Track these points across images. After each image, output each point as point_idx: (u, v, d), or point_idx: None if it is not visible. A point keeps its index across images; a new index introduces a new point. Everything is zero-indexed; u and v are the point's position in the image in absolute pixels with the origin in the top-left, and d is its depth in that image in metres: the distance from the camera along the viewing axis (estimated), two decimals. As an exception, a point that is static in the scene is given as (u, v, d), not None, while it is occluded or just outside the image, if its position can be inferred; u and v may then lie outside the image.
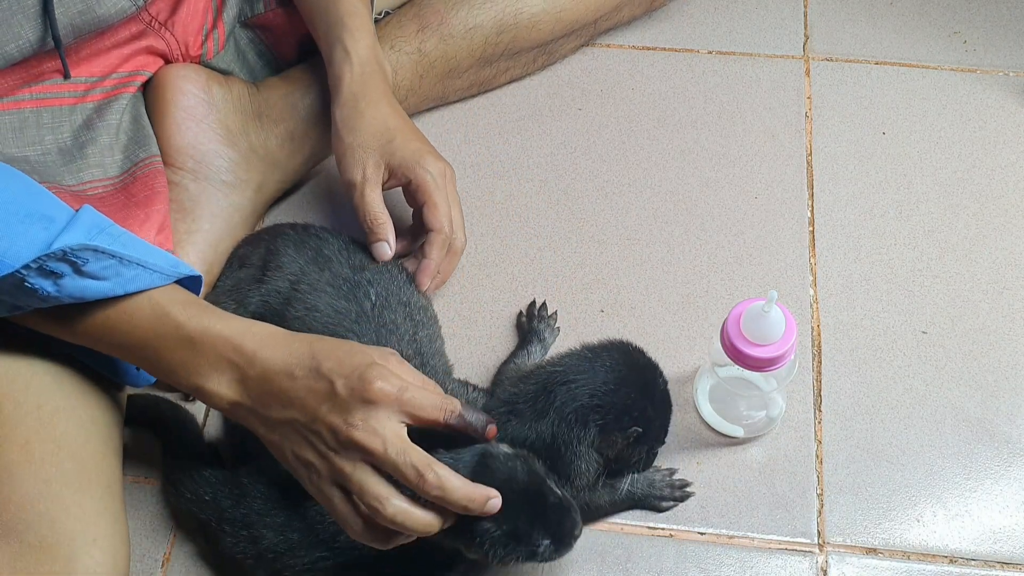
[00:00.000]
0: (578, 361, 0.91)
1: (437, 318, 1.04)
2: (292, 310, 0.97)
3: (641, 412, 0.89)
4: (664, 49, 1.31)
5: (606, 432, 0.88)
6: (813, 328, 1.08)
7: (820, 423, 1.03)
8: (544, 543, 0.83)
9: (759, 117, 1.24)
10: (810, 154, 1.21)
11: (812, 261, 1.13)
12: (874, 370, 1.06)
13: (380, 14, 1.18)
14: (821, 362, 1.06)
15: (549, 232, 1.16)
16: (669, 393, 0.92)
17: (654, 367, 0.92)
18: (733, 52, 1.30)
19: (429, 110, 1.24)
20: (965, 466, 1.00)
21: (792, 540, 0.97)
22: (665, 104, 1.26)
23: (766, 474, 1.00)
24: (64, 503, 0.84)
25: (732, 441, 1.02)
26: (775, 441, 1.02)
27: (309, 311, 0.96)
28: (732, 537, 0.97)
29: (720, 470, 1.01)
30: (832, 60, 1.29)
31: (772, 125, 1.23)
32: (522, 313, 1.10)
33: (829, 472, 1.00)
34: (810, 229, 1.15)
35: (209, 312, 0.84)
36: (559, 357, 0.93)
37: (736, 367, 0.93)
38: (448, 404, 0.81)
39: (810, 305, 1.10)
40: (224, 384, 0.82)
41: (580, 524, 0.86)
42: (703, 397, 1.03)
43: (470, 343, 1.09)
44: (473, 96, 1.26)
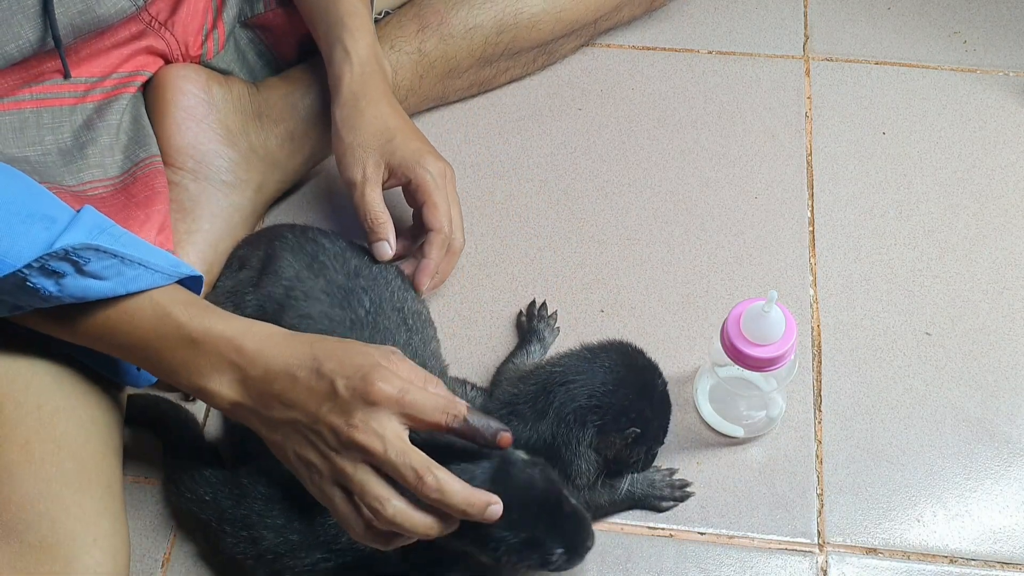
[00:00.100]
0: (577, 362, 0.91)
1: (432, 321, 1.04)
2: (286, 317, 0.96)
3: (639, 413, 0.89)
4: (664, 49, 1.31)
5: (604, 433, 0.89)
6: (813, 328, 1.08)
7: (820, 423, 1.03)
8: (558, 552, 0.83)
9: (759, 117, 1.24)
10: (810, 154, 1.21)
11: (812, 261, 1.13)
12: (874, 370, 1.06)
13: (380, 14, 1.18)
14: (821, 362, 1.06)
15: (549, 232, 1.16)
16: (668, 394, 0.92)
17: (653, 368, 0.92)
18: (733, 52, 1.30)
19: (429, 110, 1.24)
20: (965, 466, 1.01)
21: (792, 540, 0.97)
22: (665, 104, 1.26)
23: (766, 474, 1.00)
24: (64, 503, 0.84)
25: (732, 441, 1.02)
26: (775, 441, 1.02)
27: (302, 319, 0.96)
28: (732, 537, 0.97)
29: (720, 470, 1.01)
30: (832, 60, 1.29)
31: (772, 125, 1.23)
32: (522, 313, 1.10)
33: (829, 472, 1.00)
34: (810, 229, 1.15)
35: (210, 312, 0.83)
36: (558, 357, 0.93)
37: (736, 367, 0.93)
38: (452, 408, 0.79)
39: (810, 305, 1.10)
40: (225, 384, 0.82)
41: (594, 535, 0.86)
42: (703, 397, 1.03)
43: (470, 343, 1.09)
44: (473, 96, 1.26)
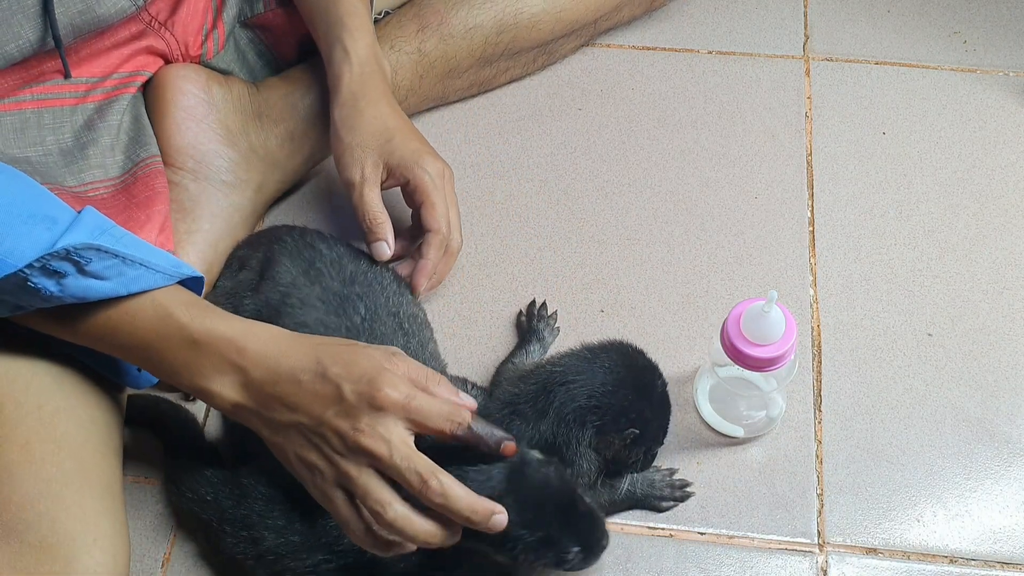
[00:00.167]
0: (577, 361, 0.91)
1: (428, 322, 1.04)
2: (282, 323, 0.95)
3: (639, 414, 0.89)
4: (664, 49, 1.31)
5: (603, 433, 0.89)
6: (813, 328, 1.09)
7: (820, 423, 1.03)
8: (574, 550, 0.83)
9: (759, 117, 1.24)
10: (810, 154, 1.21)
11: (812, 261, 1.13)
12: (874, 370, 1.06)
13: (380, 14, 1.18)
14: (821, 362, 1.06)
15: (549, 232, 1.16)
16: (668, 395, 0.93)
17: (653, 368, 0.92)
18: (733, 52, 1.30)
19: (429, 110, 1.24)
20: (965, 466, 1.01)
21: (792, 540, 0.97)
22: (665, 104, 1.26)
23: (766, 474, 1.00)
24: (64, 503, 0.84)
25: (732, 441, 1.02)
26: (775, 441, 1.02)
27: (299, 326, 0.95)
28: (732, 537, 0.97)
29: (720, 470, 1.01)
30: (832, 60, 1.29)
31: (772, 125, 1.23)
32: (522, 313, 1.10)
33: (829, 472, 1.00)
34: (810, 229, 1.15)
35: (212, 313, 0.83)
36: (559, 357, 0.93)
37: (736, 367, 0.93)
38: (456, 416, 0.80)
39: (810, 305, 1.10)
40: (227, 386, 0.82)
41: (608, 534, 0.86)
42: (703, 397, 1.03)
43: (470, 343, 1.09)
44: (473, 96, 1.26)
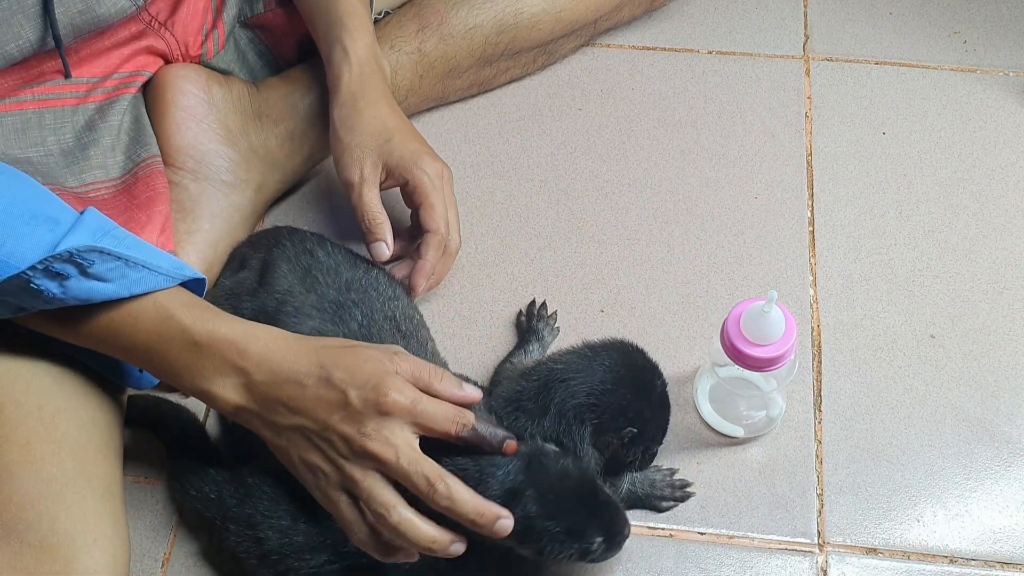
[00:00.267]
0: (577, 359, 0.91)
1: (424, 322, 1.03)
2: None
3: (637, 413, 0.89)
4: (664, 49, 1.31)
5: (601, 431, 0.89)
6: (813, 328, 1.09)
7: (820, 423, 1.03)
8: (597, 540, 0.84)
9: (759, 117, 1.24)
10: (810, 154, 1.21)
11: (812, 261, 1.13)
12: (874, 370, 1.06)
13: (380, 14, 1.18)
14: (821, 362, 1.06)
15: (549, 232, 1.16)
16: (667, 394, 0.93)
17: (653, 368, 0.92)
18: (733, 52, 1.30)
19: (429, 110, 1.24)
20: (965, 466, 1.01)
21: (792, 540, 0.97)
22: (665, 104, 1.26)
23: (766, 474, 1.00)
24: (65, 503, 0.84)
25: (732, 441, 1.02)
26: (775, 441, 1.02)
27: None
28: (732, 537, 0.98)
29: (720, 470, 1.01)
30: (832, 60, 1.29)
31: (772, 125, 1.23)
32: (522, 313, 1.10)
33: (829, 472, 1.00)
34: (810, 229, 1.15)
35: (214, 315, 0.83)
36: (560, 354, 0.94)
37: (736, 367, 0.93)
38: (461, 418, 0.81)
39: (810, 305, 1.10)
40: (229, 388, 0.82)
41: (629, 524, 0.86)
42: (703, 397, 1.03)
43: (470, 343, 1.09)
44: (473, 96, 1.25)
